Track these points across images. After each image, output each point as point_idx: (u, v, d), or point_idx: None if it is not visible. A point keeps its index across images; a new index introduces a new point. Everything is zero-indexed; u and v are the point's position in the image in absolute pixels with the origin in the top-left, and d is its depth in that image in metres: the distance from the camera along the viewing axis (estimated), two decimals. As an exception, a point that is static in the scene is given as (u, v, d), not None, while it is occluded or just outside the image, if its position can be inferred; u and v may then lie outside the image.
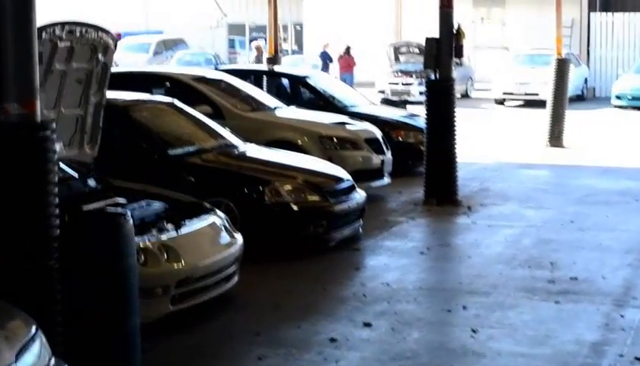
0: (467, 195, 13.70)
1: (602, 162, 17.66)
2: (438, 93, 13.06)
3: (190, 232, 7.84)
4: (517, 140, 20.68)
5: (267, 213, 9.83)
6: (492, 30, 37.70)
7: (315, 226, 9.97)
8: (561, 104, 19.90)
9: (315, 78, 17.08)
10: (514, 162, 17.52)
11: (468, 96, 33.26)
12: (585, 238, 10.77)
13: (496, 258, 9.83)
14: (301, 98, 16.40)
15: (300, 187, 10.04)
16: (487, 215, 12.23)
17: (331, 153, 12.88)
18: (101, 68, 8.36)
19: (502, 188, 14.44)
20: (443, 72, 13.02)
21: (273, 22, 21.33)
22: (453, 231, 11.61)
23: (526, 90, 29.40)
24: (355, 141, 13.19)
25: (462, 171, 15.68)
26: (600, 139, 21.14)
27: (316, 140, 12.93)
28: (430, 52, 13.00)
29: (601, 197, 13.64)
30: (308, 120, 13.61)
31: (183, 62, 37.10)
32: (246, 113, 13.39)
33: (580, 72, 31.75)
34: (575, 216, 12.12)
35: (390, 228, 11.37)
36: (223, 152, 10.76)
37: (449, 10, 13.00)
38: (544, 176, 15.93)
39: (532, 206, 12.89)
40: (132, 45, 42.71)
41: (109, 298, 6.09)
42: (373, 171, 13.28)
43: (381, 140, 13.60)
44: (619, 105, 28.89)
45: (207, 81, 14.20)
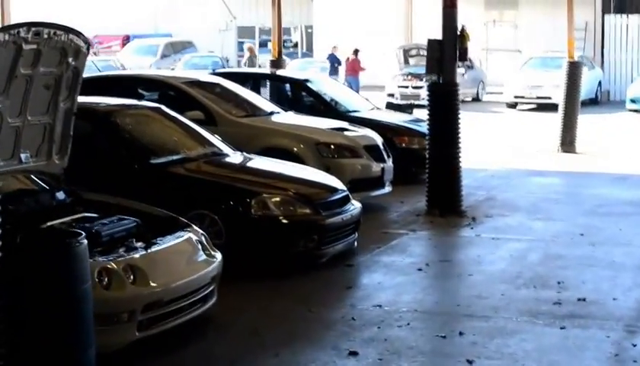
0: (472, 205, 13.02)
1: (615, 168, 16.96)
2: (441, 98, 12.38)
3: (161, 251, 7.18)
4: (528, 146, 19.98)
5: (254, 227, 9.18)
6: (504, 32, 36.98)
7: (305, 241, 9.31)
8: (574, 108, 19.20)
9: (316, 81, 16.42)
10: (524, 169, 16.83)
11: (480, 99, 32.58)
12: (596, 254, 10.07)
13: (499, 276, 9.14)
14: (302, 103, 15.76)
15: (290, 199, 9.38)
16: (492, 227, 11.54)
17: (328, 161, 12.22)
18: (72, 72, 7.77)
19: (510, 198, 13.74)
20: (446, 76, 12.34)
21: (277, 24, 20.76)
22: (455, 245, 10.93)
23: (539, 93, 28.72)
24: (354, 148, 12.52)
25: (469, 179, 15.05)
26: (613, 144, 20.41)
27: (312, 148, 12.27)
28: (433, 56, 12.32)
29: (614, 207, 12.93)
30: (305, 127, 12.95)
31: (190, 65, 36.57)
32: (240, 119, 12.74)
33: (593, 75, 31.03)
34: (586, 228, 11.42)
35: (388, 241, 10.69)
36: (210, 161, 10.12)
37: (452, 10, 12.31)
38: (554, 184, 15.23)
39: (541, 217, 12.20)
40: (139, 47, 42.30)
41: (59, 330, 5.46)
42: (373, 179, 12.62)
43: (381, 147, 12.93)
44: (633, 109, 28.13)
45: (200, 86, 13.56)
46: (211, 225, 9.14)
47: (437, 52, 12.26)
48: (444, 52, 12.25)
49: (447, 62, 12.27)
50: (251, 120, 12.83)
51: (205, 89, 13.44)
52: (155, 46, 42.19)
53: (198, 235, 7.72)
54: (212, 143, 10.62)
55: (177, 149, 10.16)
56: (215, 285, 7.60)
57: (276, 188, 9.56)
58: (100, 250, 6.86)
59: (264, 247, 9.19)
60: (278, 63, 20.48)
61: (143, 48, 42.02)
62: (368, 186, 12.52)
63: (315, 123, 13.24)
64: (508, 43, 36.77)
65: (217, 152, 10.43)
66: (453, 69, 12.35)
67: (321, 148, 12.29)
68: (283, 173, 10.29)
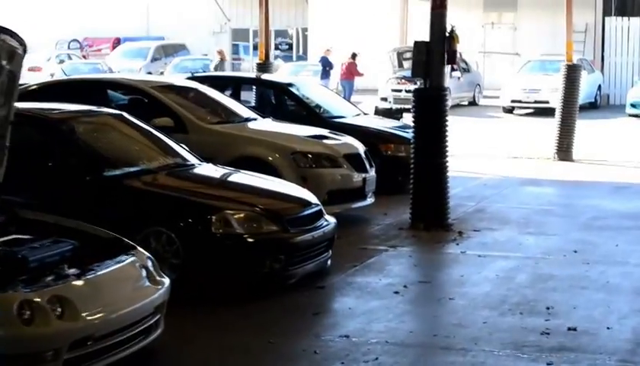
0: (460, 217, 12.22)
1: (614, 177, 16.16)
2: (428, 104, 11.59)
3: (97, 278, 6.37)
4: (523, 152, 19.17)
5: (214, 246, 8.37)
6: (503, 35, 36.17)
7: (271, 262, 8.48)
8: (571, 114, 18.38)
9: (300, 86, 15.62)
10: (518, 178, 16.02)
11: (476, 103, 31.78)
12: (590, 274, 9.25)
13: (483, 300, 8.32)
14: (284, 108, 14.99)
15: (255, 215, 8.56)
16: (479, 243, 10.73)
17: (305, 171, 11.43)
18: (7, 77, 6.99)
19: (500, 209, 12.93)
20: (434, 80, 11.53)
21: (265, 26, 20.02)
22: (438, 263, 10.12)
23: (536, 97, 27.89)
24: (333, 157, 11.71)
25: (459, 188, 14.34)
26: (612, 151, 19.60)
27: (288, 157, 11.46)
28: (420, 58, 11.51)
29: (611, 220, 12.12)
30: (281, 134, 12.15)
31: (180, 69, 35.82)
32: (212, 126, 11.95)
33: (593, 78, 30.25)
34: (580, 244, 10.62)
35: (366, 259, 9.88)
36: (172, 173, 9.32)
37: (441, 11, 11.51)
38: (548, 194, 14.41)
39: (533, 231, 11.38)
40: (129, 51, 41.58)
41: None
42: (353, 190, 11.81)
43: (363, 156, 12.11)
44: (634, 114, 27.33)
45: (172, 91, 12.80)
46: (168, 243, 8.38)
47: (424, 54, 11.46)
48: (432, 55, 11.45)
49: (435, 65, 11.47)
50: (224, 127, 12.03)
51: (177, 94, 12.68)
52: (145, 49, 41.41)
53: (143, 258, 6.90)
54: (176, 153, 9.83)
55: (136, 160, 9.37)
56: (161, 314, 6.80)
57: (241, 203, 8.75)
58: (25, 279, 6.06)
59: (225, 268, 8.39)
60: (265, 67, 19.72)
61: (133, 51, 41.26)
62: (348, 197, 11.73)
63: (293, 130, 12.44)
64: (507, 46, 35.96)
65: (181, 164, 9.64)
66: (441, 72, 11.54)
67: (298, 157, 11.49)
68: (251, 186, 9.50)
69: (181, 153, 9.88)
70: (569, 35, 18.56)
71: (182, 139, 11.22)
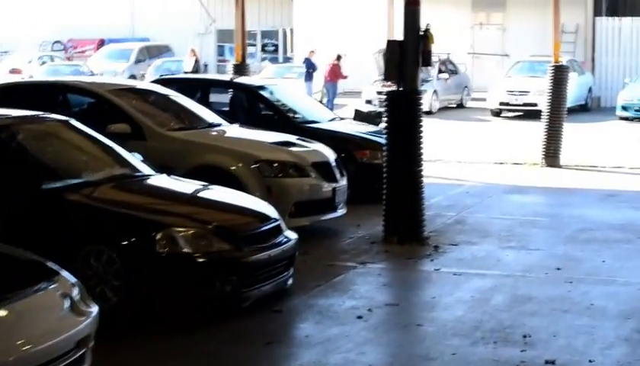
0: (438, 229, 11.48)
1: (603, 184, 15.44)
2: (401, 108, 10.82)
3: (10, 309, 5.59)
4: (510, 158, 18.42)
5: (159, 266, 7.60)
6: (492, 35, 35.41)
7: (221, 284, 7.71)
8: (558, 117, 17.65)
9: (272, 89, 14.87)
10: (502, 185, 15.28)
11: (464, 106, 31.06)
12: (573, 295, 8.48)
13: (454, 326, 7.55)
14: (256, 113, 14.22)
15: (204, 232, 7.78)
16: (456, 259, 9.97)
17: (269, 181, 10.66)
18: None
19: (482, 220, 12.17)
20: (407, 83, 10.77)
21: (241, 27, 19.25)
22: (409, 283, 9.34)
23: (525, 100, 27.13)
24: (300, 166, 10.93)
25: (439, 197, 13.63)
26: (602, 156, 18.86)
27: (252, 166, 10.68)
28: (392, 59, 10.75)
29: (598, 232, 11.36)
30: (246, 141, 11.39)
31: (162, 70, 35.16)
32: (172, 132, 11.17)
33: (583, 80, 29.56)
34: (564, 260, 9.86)
35: (331, 278, 9.12)
36: (118, 186, 8.55)
37: (415, 8, 10.74)
38: (533, 204, 13.64)
39: (514, 245, 10.63)
40: (112, 52, 40.85)
41: None
42: (322, 201, 11.04)
43: (333, 164, 11.35)
44: (624, 117, 26.64)
45: (132, 95, 12.03)
46: (108, 263, 7.62)
47: (397, 55, 10.70)
48: (405, 56, 10.69)
49: (409, 66, 10.70)
50: (185, 133, 11.25)
51: (136, 99, 11.91)
52: (128, 50, 40.66)
53: (67, 286, 6.10)
54: (126, 163, 9.06)
55: (79, 171, 8.59)
56: (87, 348, 6.01)
57: (191, 219, 7.98)
58: None
59: (170, 291, 7.63)
60: (242, 68, 18.96)
61: (116, 53, 40.51)
62: (317, 209, 10.97)
63: (260, 137, 11.67)
64: (496, 47, 35.22)
65: (130, 175, 8.87)
66: (416, 74, 10.78)
67: (262, 166, 10.71)
68: (204, 199, 8.75)
69: (132, 163, 9.11)
70: (556, 35, 17.86)
71: (139, 146, 10.52)
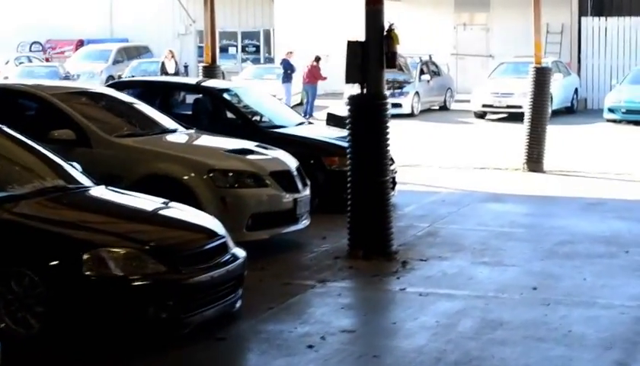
0: (408, 242, 10.71)
1: (587, 191, 14.66)
2: (365, 114, 10.03)
3: None
4: (491, 162, 17.64)
5: (87, 290, 6.82)
6: (476, 36, 34.64)
7: (156, 309, 6.92)
8: (541, 121, 16.87)
9: (238, 92, 14.10)
10: (481, 192, 14.50)
11: (447, 108, 30.29)
12: (549, 319, 7.69)
13: (414, 358, 6.74)
14: (221, 117, 13.40)
15: (137, 253, 6.98)
16: (424, 277, 9.17)
17: (224, 192, 9.85)
18: None
19: (455, 232, 11.38)
20: (371, 87, 9.99)
21: (211, 27, 18.44)
22: (370, 304, 8.51)
23: (509, 102, 26.32)
24: (258, 175, 10.12)
25: (413, 206, 12.87)
26: (587, 160, 18.10)
27: (205, 175, 9.87)
28: (354, 61, 9.97)
29: (580, 246, 10.59)
30: (200, 149, 10.61)
31: (139, 72, 34.34)
32: (121, 139, 10.34)
33: (569, 81, 28.82)
34: (541, 278, 9.08)
35: (287, 299, 8.32)
36: (48, 200, 7.74)
37: (378, 6, 9.96)
38: (512, 213, 12.83)
39: (488, 261, 9.84)
40: (90, 53, 40.00)
41: None
42: (282, 213, 10.23)
43: (294, 173, 10.54)
44: (612, 119, 25.87)
45: (81, 99, 11.24)
46: (31, 287, 6.84)
47: (359, 57, 9.92)
48: (368, 57, 9.91)
49: (372, 68, 9.92)
50: (135, 140, 10.43)
51: (85, 103, 11.14)
52: (107, 51, 39.78)
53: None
54: (61, 174, 8.25)
55: (4, 184, 7.76)
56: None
57: (124, 238, 7.18)
58: None
59: (99, 317, 6.85)
60: (211, 70, 18.14)
61: (94, 53, 39.65)
62: (276, 221, 10.17)
63: (216, 143, 10.88)
64: (479, 48, 34.45)
65: (64, 187, 8.06)
66: (380, 77, 10.01)
67: (216, 176, 9.89)
68: (144, 214, 7.93)
69: (68, 174, 8.30)
70: (537, 36, 17.04)
71: (85, 154, 9.81)
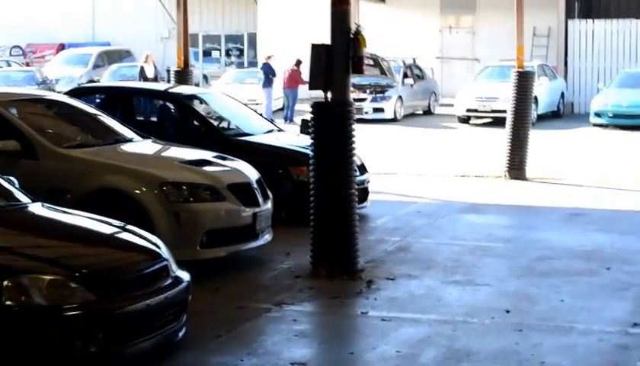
0: (377, 258, 10.07)
1: (570, 201, 14.05)
2: (329, 122, 9.36)
3: None
4: (473, 170, 17.01)
5: (6, 322, 6.14)
6: (461, 39, 34.03)
7: (84, 343, 6.25)
8: (523, 127, 16.25)
9: (206, 98, 13.47)
10: (459, 202, 13.86)
11: (431, 113, 29.67)
12: (521, 348, 7.03)
13: (368, 396, 6.11)
14: (186, 125, 12.76)
15: (65, 279, 6.31)
16: (389, 298, 8.51)
17: (177, 206, 9.19)
18: None
19: (428, 247, 10.74)
20: (336, 93, 9.33)
21: (183, 29, 17.83)
22: (327, 331, 7.84)
23: (494, 106, 25.68)
24: (214, 188, 9.45)
25: (386, 218, 12.26)
26: (572, 167, 17.49)
27: (157, 189, 9.20)
28: (318, 66, 9.31)
29: (559, 262, 9.95)
30: (153, 160, 9.95)
31: (118, 76, 33.64)
32: (70, 150, 9.65)
33: (555, 85, 28.25)
34: (516, 299, 8.43)
35: (239, 324, 7.66)
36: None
37: (344, 7, 9.30)
38: (490, 225, 12.17)
39: (460, 279, 9.19)
40: (70, 57, 39.30)
41: None
42: (241, 229, 9.56)
43: (255, 185, 9.87)
44: (598, 124, 25.31)
45: (31, 107, 10.58)
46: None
47: (324, 61, 9.26)
48: (333, 62, 9.26)
49: (337, 73, 9.26)
50: (85, 151, 9.74)
51: (33, 112, 10.47)
52: (87, 55, 39.07)
53: None
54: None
55: None
56: None
57: (52, 262, 6.49)
58: None
59: (21, 352, 6.17)
60: (183, 75, 17.53)
61: (74, 58, 38.93)
62: (234, 238, 9.50)
63: (172, 154, 10.22)
64: (465, 51, 33.85)
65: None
66: (345, 83, 9.35)
67: (169, 189, 9.22)
68: (79, 234, 7.25)
69: (2, 189, 7.63)
70: (520, 39, 16.42)
71: (31, 166, 9.23)
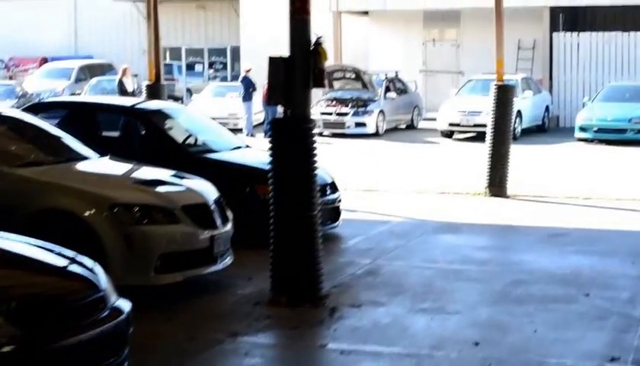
0: (344, 283, 9.54)
1: (551, 219, 13.54)
2: (289, 139, 8.83)
3: None
4: (452, 187, 16.49)
5: None
6: (445, 52, 33.55)
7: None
8: (504, 142, 15.74)
9: (171, 114, 12.91)
10: (435, 221, 13.33)
11: (415, 127, 29.16)
12: (487, 386, 6.52)
13: None
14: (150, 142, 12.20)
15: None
16: (351, 328, 7.96)
17: (129, 229, 8.63)
18: None
19: (398, 270, 10.20)
20: (296, 108, 8.80)
21: (155, 42, 17.28)
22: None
23: (477, 121, 25.13)
24: (168, 210, 8.90)
25: (358, 238, 11.76)
26: (554, 184, 16.99)
27: (107, 211, 8.65)
28: (277, 79, 8.78)
29: (535, 287, 9.42)
30: (105, 180, 9.38)
31: (98, 90, 33.08)
32: (16, 169, 9.09)
33: (540, 99, 27.79)
34: (486, 330, 7.89)
35: (186, 359, 7.12)
36: None
37: (303, 17, 8.79)
38: (465, 246, 11.62)
39: (429, 307, 8.64)
40: (51, 70, 38.73)
41: None
42: (197, 252, 9.01)
43: (212, 206, 9.33)
44: (583, 138, 24.85)
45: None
46: None
47: (282, 74, 8.73)
48: (293, 75, 8.73)
49: (297, 88, 8.74)
50: (34, 171, 9.16)
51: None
52: (69, 69, 38.50)
53: None
54: None
55: None
56: None
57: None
58: None
59: None
60: (155, 89, 16.99)
61: (55, 71, 38.35)
62: (190, 262, 8.95)
63: (127, 173, 9.67)
64: (449, 64, 33.37)
65: None
66: (306, 97, 8.82)
67: (120, 211, 8.67)
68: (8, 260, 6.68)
69: None
70: (500, 51, 15.91)
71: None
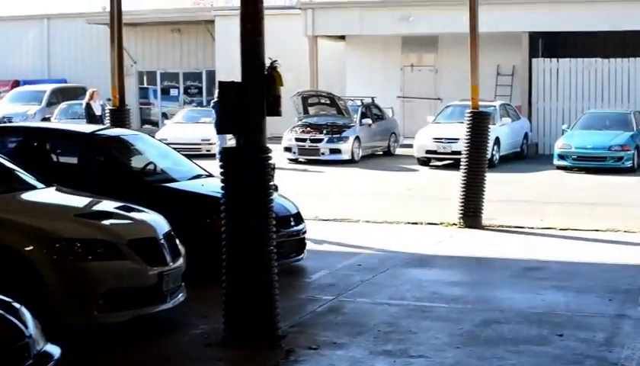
0: (303, 322, 8.97)
1: (526, 252, 13.01)
2: (242, 171, 8.24)
3: None
4: (425, 217, 15.91)
5: None
6: (423, 78, 33.11)
7: None
8: (478, 172, 15.22)
9: (130, 140, 12.36)
10: (406, 254, 12.77)
11: (392, 153, 28.65)
12: None
13: None
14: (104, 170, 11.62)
15: None
16: (306, 374, 7.41)
17: (70, 265, 8.04)
18: None
19: (362, 308, 9.63)
20: (249, 138, 8.22)
21: (118, 66, 16.71)
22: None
23: (454, 148, 24.55)
24: (113, 244, 8.31)
25: (322, 272, 11.24)
26: (531, 213, 16.48)
27: (47, 245, 8.04)
28: (227, 107, 8.22)
29: (507, 327, 8.85)
30: (47, 212, 8.78)
31: (69, 114, 32.44)
32: (-46, 200, 8.52)
33: (519, 125, 27.38)
34: (451, 376, 7.34)
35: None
36: None
37: (256, 40, 8.24)
38: (435, 282, 11.06)
39: (391, 349, 8.06)
40: (24, 94, 38.12)
41: None
42: (145, 290, 8.42)
43: (162, 241, 8.73)
44: (562, 166, 24.40)
45: None
46: None
47: (233, 101, 8.17)
48: (244, 102, 8.16)
49: (251, 116, 8.17)
50: (-29, 202, 8.60)
51: None
52: (40, 92, 37.86)
53: None
54: None
55: None
56: None
57: None
58: None
59: None
60: (120, 114, 16.46)
61: (27, 95, 37.73)
62: (136, 300, 8.35)
63: (72, 204, 9.08)
64: (427, 90, 32.92)
65: None
66: (260, 126, 8.24)
67: (61, 246, 8.07)
68: None
69: None
70: (474, 77, 15.41)
71: None
